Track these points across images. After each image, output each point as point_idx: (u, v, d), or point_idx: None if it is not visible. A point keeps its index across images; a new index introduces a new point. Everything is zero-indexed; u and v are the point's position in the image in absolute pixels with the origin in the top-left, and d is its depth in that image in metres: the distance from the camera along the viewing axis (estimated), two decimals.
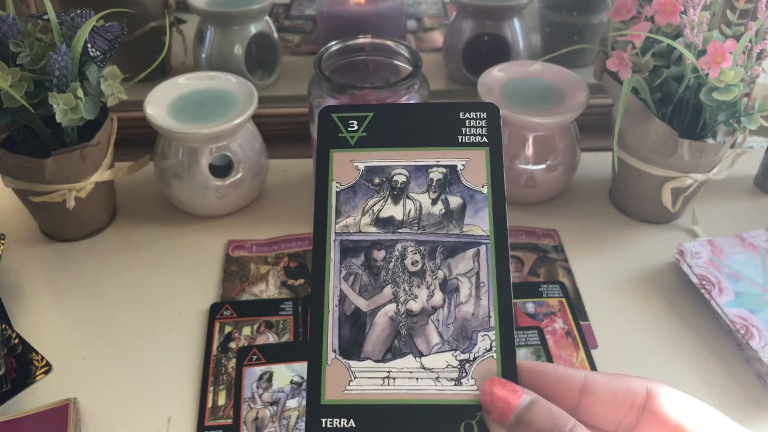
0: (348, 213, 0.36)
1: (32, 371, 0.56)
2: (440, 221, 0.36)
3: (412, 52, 0.66)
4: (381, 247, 0.36)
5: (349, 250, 0.35)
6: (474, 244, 0.35)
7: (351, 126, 0.38)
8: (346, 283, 0.35)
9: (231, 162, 0.68)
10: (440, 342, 0.33)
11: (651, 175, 0.65)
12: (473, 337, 0.33)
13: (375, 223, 0.36)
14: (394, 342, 0.34)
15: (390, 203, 0.37)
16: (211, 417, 0.53)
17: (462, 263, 0.35)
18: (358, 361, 0.33)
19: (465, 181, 0.37)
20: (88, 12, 0.60)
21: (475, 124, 0.37)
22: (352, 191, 0.37)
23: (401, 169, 0.37)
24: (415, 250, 0.36)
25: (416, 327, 0.34)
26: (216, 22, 0.80)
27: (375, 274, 0.35)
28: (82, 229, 0.68)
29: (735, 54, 0.55)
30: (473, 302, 0.34)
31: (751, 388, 0.55)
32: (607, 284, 0.64)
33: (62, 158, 0.61)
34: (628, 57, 0.61)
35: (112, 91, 0.61)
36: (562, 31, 0.86)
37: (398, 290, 0.35)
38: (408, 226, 0.36)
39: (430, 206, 0.36)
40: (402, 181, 0.37)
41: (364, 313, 0.34)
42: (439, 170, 0.37)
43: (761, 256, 0.62)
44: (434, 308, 0.34)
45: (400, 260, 0.35)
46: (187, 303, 0.62)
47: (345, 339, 0.34)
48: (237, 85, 0.70)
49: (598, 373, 0.30)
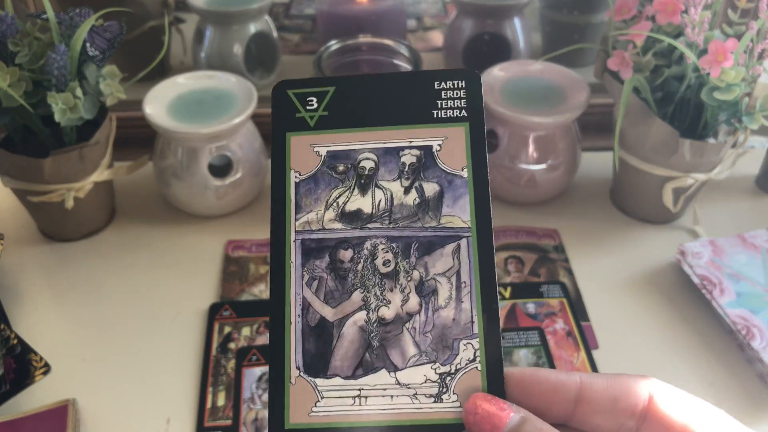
0: (309, 207, 0.32)
1: (31, 372, 0.56)
2: (415, 213, 0.32)
3: (412, 52, 0.66)
4: (348, 246, 0.32)
5: (311, 251, 0.31)
6: (453, 238, 0.31)
7: (310, 104, 0.33)
8: (309, 289, 0.31)
9: (230, 162, 0.67)
10: (417, 353, 0.30)
11: (652, 175, 0.65)
12: (454, 346, 0.29)
13: (340, 218, 0.32)
14: (365, 355, 0.30)
15: (357, 194, 0.32)
16: (210, 418, 0.53)
17: (440, 261, 0.31)
18: (325, 379, 0.29)
19: (442, 164, 0.32)
20: (86, 11, 0.59)
21: (453, 95, 0.32)
22: (313, 181, 0.32)
23: (369, 153, 0.32)
24: (387, 247, 0.31)
25: (390, 337, 0.30)
26: (215, 22, 0.80)
27: (342, 277, 0.31)
28: (81, 229, 0.68)
29: (736, 53, 0.55)
30: (454, 306, 0.30)
31: (753, 388, 0.54)
32: (608, 284, 0.63)
33: (61, 158, 0.60)
34: (629, 56, 0.61)
35: (111, 90, 0.61)
36: (563, 31, 0.86)
37: (369, 295, 0.31)
38: (378, 220, 0.32)
39: (403, 196, 0.32)
40: (370, 168, 0.32)
41: (330, 324, 0.30)
42: (412, 153, 0.32)
43: (762, 257, 0.61)
44: (410, 315, 0.30)
45: (369, 260, 0.31)
46: (186, 303, 0.62)
47: (310, 354, 0.30)
48: (236, 85, 0.69)
49: (595, 377, 0.27)
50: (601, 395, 0.27)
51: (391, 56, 0.68)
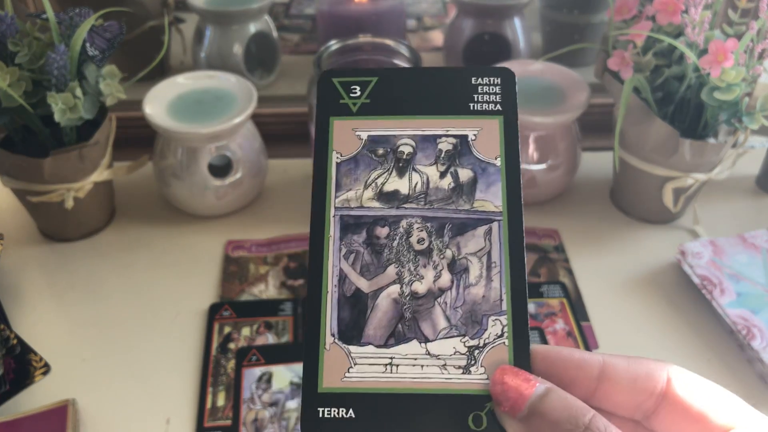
0: (349, 186, 0.34)
1: (31, 372, 0.56)
2: (449, 196, 0.34)
3: (412, 52, 0.66)
4: (384, 224, 0.33)
5: (349, 227, 0.33)
6: (485, 221, 0.33)
7: (353, 92, 0.35)
8: (346, 261, 0.32)
9: (230, 162, 0.67)
10: (447, 327, 0.31)
11: (652, 175, 0.65)
12: (483, 321, 0.31)
13: (378, 198, 0.33)
14: (397, 326, 0.31)
15: (395, 176, 0.34)
16: (210, 418, 0.53)
17: (472, 242, 0.33)
18: (358, 347, 0.30)
19: (476, 152, 0.34)
20: (86, 11, 0.59)
21: (489, 90, 0.34)
22: (353, 162, 0.34)
23: (407, 139, 0.34)
24: (422, 227, 0.33)
25: (422, 310, 0.32)
26: (215, 21, 0.80)
27: (378, 252, 0.33)
28: (81, 229, 0.68)
29: (736, 53, 0.55)
30: (484, 284, 0.32)
31: (753, 388, 0.54)
32: (608, 284, 0.63)
33: (61, 158, 0.60)
34: (629, 56, 0.61)
35: (110, 90, 0.61)
36: (563, 31, 0.86)
37: (403, 270, 0.32)
38: (414, 201, 0.33)
39: (438, 180, 0.34)
40: (408, 152, 0.34)
41: (365, 295, 0.32)
42: (449, 140, 0.34)
43: (763, 257, 0.61)
44: (441, 290, 0.32)
45: (405, 238, 0.33)
46: (186, 303, 0.62)
47: (344, 322, 0.31)
48: (236, 85, 0.69)
49: (616, 357, 0.28)
50: (622, 375, 0.28)
51: (391, 56, 0.68)
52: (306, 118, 0.68)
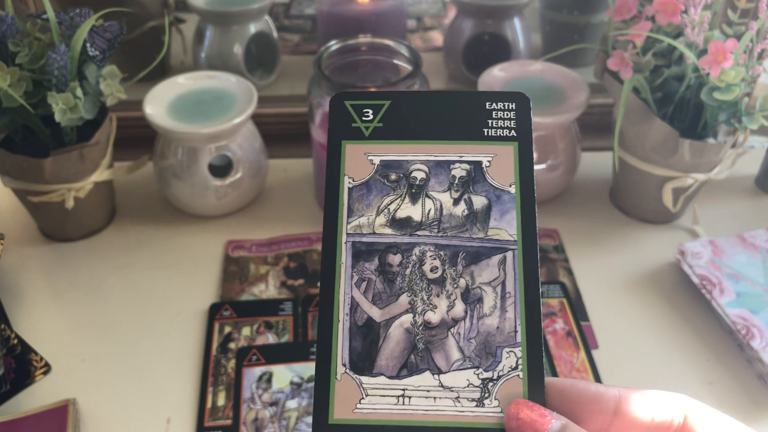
0: (361, 212, 0.33)
1: (31, 372, 0.56)
2: (463, 223, 0.33)
3: (412, 52, 0.66)
4: (397, 251, 0.33)
5: (361, 254, 0.32)
6: (500, 249, 0.32)
7: (366, 115, 0.34)
8: (358, 289, 0.32)
9: (230, 162, 0.67)
10: (461, 358, 0.30)
11: (652, 175, 0.65)
12: (497, 353, 0.30)
13: (391, 224, 0.33)
14: (410, 357, 0.31)
15: (407, 202, 0.33)
16: (210, 418, 0.53)
17: (486, 271, 0.32)
18: (370, 377, 0.30)
19: (491, 179, 0.33)
20: (87, 11, 0.59)
21: (503, 115, 0.34)
22: (365, 188, 0.33)
23: (420, 165, 0.34)
24: (435, 255, 0.32)
25: (435, 341, 0.31)
26: (215, 22, 0.80)
27: (390, 280, 0.32)
28: (81, 229, 0.68)
29: (736, 53, 0.55)
30: (498, 315, 0.31)
31: (753, 388, 0.54)
32: (607, 284, 0.63)
33: (61, 158, 0.60)
34: (628, 56, 0.61)
35: (111, 90, 0.61)
36: (563, 31, 0.86)
37: (415, 299, 0.32)
38: (427, 228, 0.33)
39: (452, 206, 0.33)
40: (421, 178, 0.34)
41: (377, 324, 0.31)
42: (463, 167, 0.34)
43: (762, 257, 0.61)
44: (455, 320, 0.31)
45: (417, 266, 0.32)
46: (186, 303, 0.62)
47: (356, 352, 0.31)
48: (236, 85, 0.69)
49: (632, 391, 0.28)
50: (638, 410, 0.27)
51: (391, 56, 0.68)
52: (306, 118, 0.68)
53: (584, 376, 0.55)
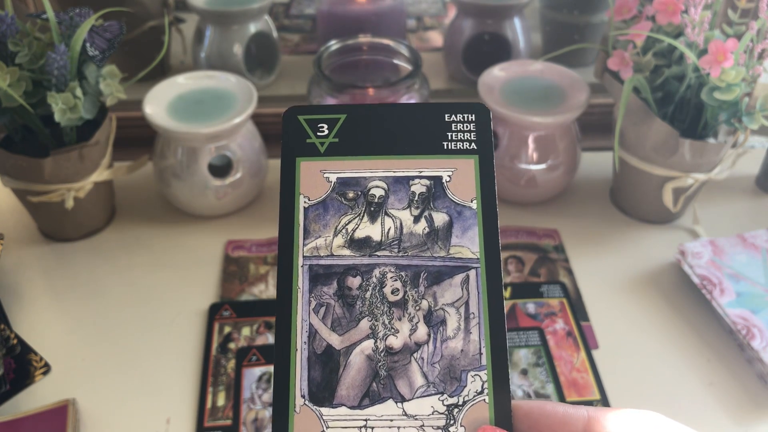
0: (318, 233, 0.31)
1: (31, 372, 0.56)
2: (424, 242, 0.32)
3: (412, 52, 0.66)
4: (356, 273, 0.31)
5: (319, 277, 0.31)
6: (462, 268, 0.31)
7: (321, 130, 0.33)
8: (316, 315, 0.30)
9: (230, 162, 0.67)
10: (425, 384, 0.29)
11: (652, 175, 0.65)
12: (462, 377, 0.29)
13: (349, 245, 0.31)
14: (372, 385, 0.29)
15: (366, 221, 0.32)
16: (210, 418, 0.53)
17: (449, 291, 0.31)
18: (330, 408, 0.29)
19: (451, 194, 0.32)
20: (86, 11, 0.59)
21: (463, 128, 0.33)
22: (322, 207, 0.32)
23: (379, 181, 0.32)
24: (396, 276, 0.31)
25: (397, 367, 0.30)
26: (215, 21, 0.80)
27: (350, 304, 0.31)
28: (81, 229, 0.68)
29: (736, 53, 0.55)
30: (462, 337, 0.30)
31: (753, 388, 0.54)
32: (608, 284, 0.63)
33: (61, 158, 0.60)
34: (629, 56, 0.61)
35: (110, 90, 0.61)
36: (563, 31, 0.86)
37: (377, 324, 0.30)
38: (387, 248, 0.31)
39: (412, 224, 0.32)
40: (380, 196, 0.32)
41: (337, 352, 0.30)
42: (422, 182, 0.32)
43: (763, 257, 0.61)
44: (418, 344, 0.30)
45: (378, 288, 0.31)
46: (186, 303, 0.62)
47: (315, 382, 0.29)
48: (236, 85, 0.69)
49: (601, 412, 0.27)
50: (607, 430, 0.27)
51: (391, 56, 0.68)
52: None
53: (584, 376, 0.55)
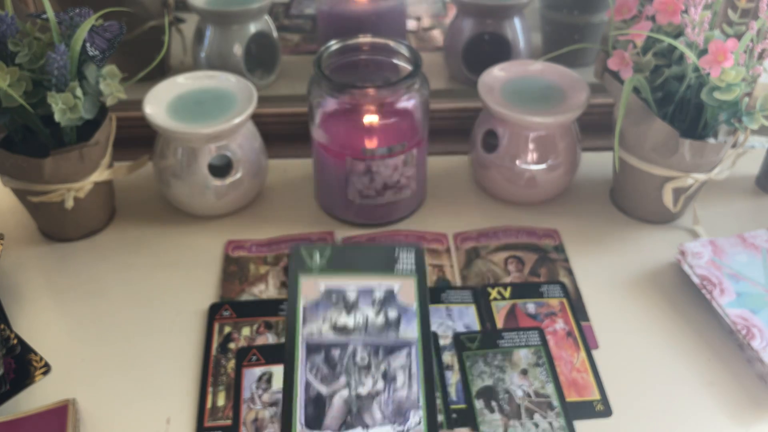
0: (312, 322, 0.50)
1: (31, 372, 0.56)
2: (382, 329, 0.50)
3: (412, 52, 0.66)
4: (337, 347, 0.49)
5: (313, 349, 0.49)
6: (407, 346, 0.49)
7: (315, 258, 0.53)
8: (311, 374, 0.48)
9: (230, 162, 0.67)
10: (382, 417, 0.47)
11: (652, 175, 0.65)
12: (407, 414, 0.47)
13: (333, 330, 0.50)
14: (347, 418, 0.47)
15: (344, 314, 0.51)
16: (210, 418, 0.53)
17: (399, 359, 0.49)
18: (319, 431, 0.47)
19: (400, 300, 0.51)
20: (86, 11, 0.59)
21: (406, 259, 0.53)
22: (315, 306, 0.51)
23: (353, 290, 0.52)
24: (364, 349, 0.49)
25: (364, 406, 0.47)
26: (215, 21, 0.80)
27: (332, 367, 0.49)
28: (81, 229, 0.68)
29: (736, 53, 0.55)
30: (407, 388, 0.48)
31: (753, 388, 0.54)
32: (608, 284, 0.63)
33: (61, 158, 0.60)
34: (629, 56, 0.61)
35: (110, 90, 0.61)
36: (563, 31, 0.86)
37: (350, 379, 0.48)
38: (358, 332, 0.50)
39: (375, 317, 0.50)
40: (354, 299, 0.51)
41: (324, 396, 0.48)
42: (381, 291, 0.51)
43: (763, 257, 0.61)
44: (378, 392, 0.47)
45: (352, 357, 0.49)
46: (186, 303, 0.62)
47: (310, 416, 0.47)
48: (236, 85, 0.69)
49: None
50: None
51: (391, 56, 0.68)
52: (306, 118, 0.68)
53: (584, 376, 0.55)
